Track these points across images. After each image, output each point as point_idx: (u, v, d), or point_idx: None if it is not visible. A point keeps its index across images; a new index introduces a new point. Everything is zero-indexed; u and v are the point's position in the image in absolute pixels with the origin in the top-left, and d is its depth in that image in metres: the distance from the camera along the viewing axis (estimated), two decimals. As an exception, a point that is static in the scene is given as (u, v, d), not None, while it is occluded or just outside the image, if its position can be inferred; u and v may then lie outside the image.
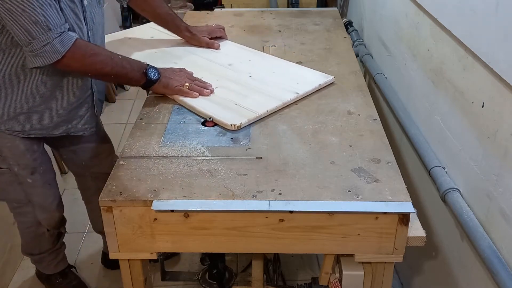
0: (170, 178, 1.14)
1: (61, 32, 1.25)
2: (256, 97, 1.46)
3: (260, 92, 1.49)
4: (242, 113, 1.37)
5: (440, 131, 1.48)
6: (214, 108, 1.40)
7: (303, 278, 1.94)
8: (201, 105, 1.41)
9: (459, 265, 1.40)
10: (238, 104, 1.42)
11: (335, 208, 1.06)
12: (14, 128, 1.44)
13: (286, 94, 1.48)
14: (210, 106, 1.41)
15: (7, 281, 1.98)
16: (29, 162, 1.51)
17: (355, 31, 2.38)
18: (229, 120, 1.33)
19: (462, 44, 1.31)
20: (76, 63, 1.31)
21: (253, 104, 1.42)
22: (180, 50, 1.78)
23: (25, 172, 1.52)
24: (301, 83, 1.54)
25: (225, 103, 1.43)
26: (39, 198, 1.59)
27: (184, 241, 1.13)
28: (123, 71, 1.38)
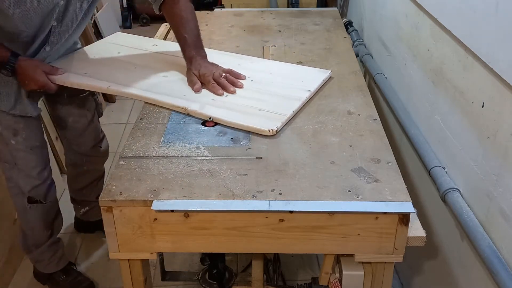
0: (170, 178, 1.14)
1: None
2: (274, 100, 1.43)
3: (275, 95, 1.46)
4: (270, 117, 1.34)
5: (440, 131, 1.48)
6: (238, 117, 1.34)
7: (303, 278, 1.94)
8: (224, 115, 1.35)
9: (459, 265, 1.40)
10: (261, 109, 1.38)
11: (335, 208, 1.06)
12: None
13: (300, 93, 1.47)
14: (233, 116, 1.35)
15: (7, 281, 1.98)
16: (10, 123, 1.58)
17: (355, 31, 2.38)
18: (264, 126, 1.29)
19: (462, 44, 1.31)
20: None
21: (276, 108, 1.38)
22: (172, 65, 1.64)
23: (8, 132, 1.59)
24: (305, 81, 1.54)
25: (246, 110, 1.38)
26: (21, 161, 1.65)
27: (184, 241, 1.13)
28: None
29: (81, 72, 1.56)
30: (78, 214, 2.18)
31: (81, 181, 2.03)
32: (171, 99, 1.43)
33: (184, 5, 1.55)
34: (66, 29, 1.53)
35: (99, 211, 1.11)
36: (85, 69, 1.59)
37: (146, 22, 4.89)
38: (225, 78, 1.49)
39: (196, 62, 1.51)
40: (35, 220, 1.77)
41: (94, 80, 1.53)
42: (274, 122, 1.32)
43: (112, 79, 1.53)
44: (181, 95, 1.45)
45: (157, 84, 1.52)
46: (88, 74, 1.56)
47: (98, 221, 2.03)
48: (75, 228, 2.24)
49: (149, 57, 1.70)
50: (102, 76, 1.54)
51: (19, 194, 1.72)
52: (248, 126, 1.31)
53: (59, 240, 1.90)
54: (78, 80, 1.53)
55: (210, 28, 2.07)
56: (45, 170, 1.73)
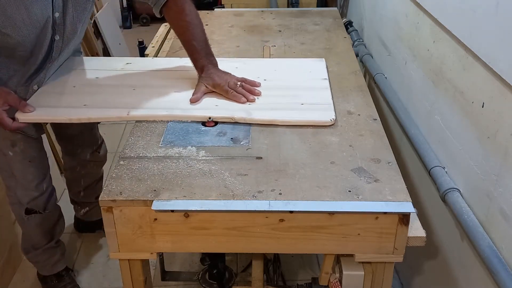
0: (170, 178, 1.14)
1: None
2: (306, 93, 1.47)
3: (301, 89, 1.50)
4: (318, 108, 1.40)
5: (440, 131, 1.48)
6: (292, 114, 1.36)
7: (303, 278, 1.94)
8: (277, 115, 1.35)
9: (459, 265, 1.40)
10: (303, 103, 1.41)
11: (335, 208, 1.06)
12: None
13: (321, 82, 1.54)
14: (285, 114, 1.36)
15: (7, 281, 1.98)
16: (7, 134, 1.53)
17: (355, 31, 2.38)
18: (322, 118, 1.35)
19: (462, 44, 1.31)
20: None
21: (315, 99, 1.44)
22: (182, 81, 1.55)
23: (5, 143, 1.55)
24: (313, 71, 1.61)
25: (290, 107, 1.40)
26: (19, 173, 1.62)
27: (184, 241, 1.13)
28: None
29: (79, 105, 1.40)
30: (78, 215, 2.17)
31: (79, 184, 2.02)
32: (210, 112, 1.37)
33: (189, 9, 1.47)
34: (68, 41, 1.48)
35: (99, 210, 1.10)
36: (80, 101, 1.42)
37: (146, 22, 4.90)
38: (241, 87, 1.45)
39: (208, 71, 1.46)
40: (33, 229, 1.75)
41: (107, 110, 1.39)
42: (327, 112, 1.37)
43: (122, 104, 1.40)
44: (213, 106, 1.41)
45: (179, 100, 1.43)
46: (88, 105, 1.40)
47: (98, 220, 2.03)
48: (75, 228, 2.23)
49: (139, 76, 1.58)
50: (108, 104, 1.42)
51: (17, 203, 1.69)
52: (308, 121, 1.34)
53: (59, 245, 1.87)
54: (86, 114, 1.37)
55: (210, 28, 2.07)
56: (43, 182, 1.68)
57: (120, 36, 3.88)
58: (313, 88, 1.51)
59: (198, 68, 1.48)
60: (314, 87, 1.52)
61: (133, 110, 1.38)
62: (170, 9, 1.48)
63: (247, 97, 1.42)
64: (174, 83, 1.52)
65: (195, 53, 1.48)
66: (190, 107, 1.40)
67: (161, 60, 1.76)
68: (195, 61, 1.49)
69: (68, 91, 1.48)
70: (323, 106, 1.41)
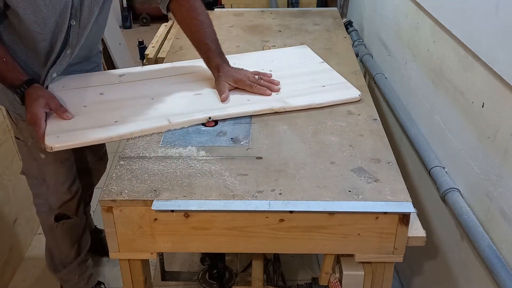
0: (170, 178, 1.14)
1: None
2: (319, 76, 1.55)
3: (311, 73, 1.58)
4: (340, 87, 1.50)
5: (440, 131, 1.48)
6: (318, 97, 1.44)
7: (303, 278, 1.94)
8: (308, 100, 1.42)
9: (459, 265, 1.40)
10: (324, 85, 1.50)
11: (335, 208, 1.06)
12: (14, 110, 1.48)
13: (323, 66, 1.65)
14: (314, 98, 1.43)
15: (7, 281, 1.98)
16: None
17: (355, 31, 2.38)
18: (350, 95, 1.45)
19: (462, 44, 1.31)
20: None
21: (331, 81, 1.53)
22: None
23: (38, 145, 1.48)
24: (307, 57, 1.71)
25: (314, 91, 1.47)
26: (51, 176, 1.58)
27: (184, 241, 1.13)
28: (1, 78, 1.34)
29: (110, 122, 1.31)
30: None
31: None
32: (246, 108, 1.38)
33: (201, 8, 1.47)
34: (84, 27, 1.41)
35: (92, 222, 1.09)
36: (108, 118, 1.33)
37: (146, 22, 4.90)
38: (260, 80, 1.47)
39: (224, 69, 1.46)
40: (62, 237, 1.71)
41: (145, 121, 1.32)
42: (350, 90, 1.48)
43: (157, 114, 1.35)
44: (246, 101, 1.42)
45: (208, 101, 1.42)
46: (120, 120, 1.32)
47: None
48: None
49: (146, 86, 1.52)
50: (140, 116, 1.35)
51: (47, 211, 1.66)
52: (340, 100, 1.43)
53: (88, 259, 1.82)
54: (127, 129, 1.29)
55: (210, 28, 2.07)
56: (74, 184, 1.66)
57: (120, 36, 3.88)
58: (319, 71, 1.59)
59: (213, 67, 1.48)
60: (320, 70, 1.60)
61: (172, 118, 1.33)
62: (181, 7, 1.47)
63: (271, 89, 1.45)
64: (188, 87, 1.50)
65: (209, 52, 1.47)
66: (227, 106, 1.40)
67: (152, 67, 1.70)
68: (208, 60, 1.48)
69: (83, 111, 1.36)
70: (342, 85, 1.51)
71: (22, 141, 1.56)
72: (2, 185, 1.98)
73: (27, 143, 1.54)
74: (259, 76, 1.48)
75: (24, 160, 1.62)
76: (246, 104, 1.41)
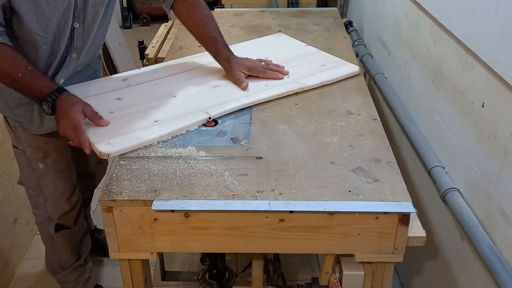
0: (170, 178, 1.14)
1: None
2: (315, 57, 1.69)
3: (303, 56, 1.71)
4: (338, 65, 1.64)
5: (440, 131, 1.48)
6: (326, 74, 1.56)
7: (303, 278, 1.94)
8: (319, 79, 1.53)
9: (459, 265, 1.40)
10: (324, 65, 1.64)
11: (335, 208, 1.06)
12: (15, 118, 1.44)
13: (309, 49, 1.77)
14: (323, 76, 1.55)
15: (7, 281, 1.98)
16: (40, 145, 1.47)
17: (355, 31, 2.38)
18: (349, 71, 1.59)
19: (462, 44, 1.31)
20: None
21: (327, 60, 1.67)
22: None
23: (37, 155, 1.48)
24: (289, 43, 1.84)
25: (315, 72, 1.59)
26: (49, 187, 1.56)
27: (184, 241, 1.13)
28: (23, 91, 1.31)
29: (151, 123, 1.31)
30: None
31: None
32: (269, 92, 1.46)
33: (203, 3, 1.51)
34: (89, 29, 1.38)
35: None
36: (147, 119, 1.33)
37: (146, 22, 4.90)
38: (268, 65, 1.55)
39: (235, 59, 1.52)
40: (62, 246, 1.69)
41: (185, 118, 1.33)
42: (348, 65, 1.63)
43: (192, 109, 1.37)
44: (264, 86, 1.50)
45: (231, 91, 1.46)
46: (160, 120, 1.32)
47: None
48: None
49: (159, 86, 1.52)
50: (177, 113, 1.36)
51: (46, 222, 1.64)
52: (345, 75, 1.57)
53: (87, 262, 1.81)
54: (171, 127, 1.29)
55: (210, 28, 2.07)
56: (74, 195, 1.62)
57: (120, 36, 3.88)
58: (310, 53, 1.73)
59: (223, 59, 1.51)
60: (311, 52, 1.74)
61: (209, 110, 1.36)
62: (184, 2, 1.49)
63: (282, 72, 1.54)
64: (202, 81, 1.53)
65: (217, 45, 1.51)
66: (250, 93, 1.46)
67: (151, 67, 1.68)
68: (217, 53, 1.52)
69: (112, 117, 1.33)
70: (338, 62, 1.66)
71: (20, 150, 1.53)
72: (2, 185, 1.98)
73: (26, 152, 1.51)
74: (266, 63, 1.55)
75: (22, 170, 1.60)
76: (266, 89, 1.48)
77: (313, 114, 1.40)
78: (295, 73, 1.57)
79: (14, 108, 1.43)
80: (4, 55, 1.26)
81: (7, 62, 1.26)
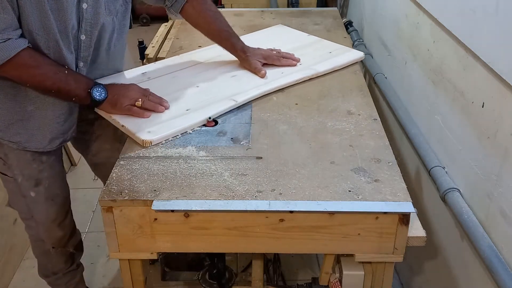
0: (170, 178, 1.14)
1: (6, 39, 1.17)
2: (319, 45, 1.80)
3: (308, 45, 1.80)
4: (342, 52, 1.74)
5: (440, 131, 1.48)
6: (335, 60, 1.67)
7: (303, 278, 1.94)
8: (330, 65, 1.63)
9: (459, 265, 1.40)
10: (331, 52, 1.74)
11: (335, 208, 1.06)
12: (9, 138, 1.37)
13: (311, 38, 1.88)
14: (333, 61, 1.66)
15: (7, 281, 1.98)
16: (33, 173, 1.42)
17: (355, 31, 2.38)
18: (354, 57, 1.70)
19: (462, 44, 1.31)
20: (14, 72, 1.23)
21: (331, 48, 1.78)
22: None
23: (29, 183, 1.43)
24: (292, 33, 1.93)
25: (327, 56, 1.70)
26: (40, 215, 1.50)
27: (184, 241, 1.13)
28: (66, 88, 1.28)
29: (183, 112, 1.37)
30: None
31: None
32: (286, 79, 1.55)
33: (209, 1, 1.56)
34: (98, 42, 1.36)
35: None
36: (180, 108, 1.38)
37: (146, 22, 4.90)
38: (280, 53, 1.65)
39: (249, 49, 1.59)
40: (56, 259, 1.66)
41: (214, 105, 1.39)
42: (352, 52, 1.74)
43: (221, 96, 1.44)
44: (280, 74, 1.58)
45: (251, 78, 1.55)
46: (192, 108, 1.38)
47: None
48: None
49: (177, 78, 1.57)
50: (206, 100, 1.42)
51: (40, 241, 1.60)
52: (352, 60, 1.69)
53: (79, 266, 1.79)
54: (205, 114, 1.35)
55: (210, 28, 2.06)
56: (66, 219, 1.57)
57: (120, 36, 3.87)
58: (314, 42, 1.83)
59: (239, 50, 1.59)
60: (315, 41, 1.84)
61: (235, 98, 1.43)
62: (193, 2, 1.53)
63: (294, 59, 1.64)
64: (218, 72, 1.59)
65: (231, 38, 1.58)
66: (269, 80, 1.54)
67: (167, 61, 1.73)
68: (232, 45, 1.59)
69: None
70: (343, 49, 1.77)
71: (10, 177, 1.44)
72: (2, 185, 1.98)
73: (17, 180, 1.44)
74: (277, 51, 1.64)
75: (11, 195, 1.51)
76: (283, 76, 1.56)
77: (313, 114, 1.40)
78: (305, 60, 1.66)
79: (6, 128, 1.35)
80: (39, 62, 1.24)
81: (48, 62, 1.26)
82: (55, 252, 1.64)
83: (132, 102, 1.33)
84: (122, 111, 1.34)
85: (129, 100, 1.33)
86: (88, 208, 2.37)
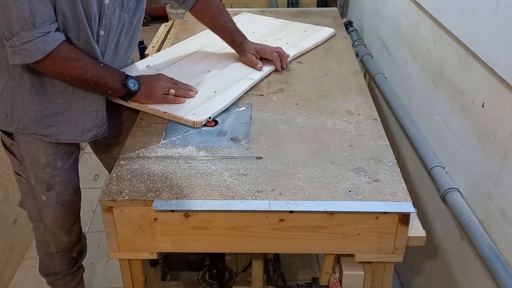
0: (170, 178, 1.14)
1: (46, 32, 1.17)
2: (293, 27, 1.97)
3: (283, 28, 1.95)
4: (316, 30, 1.93)
5: (440, 131, 1.48)
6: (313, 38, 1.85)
7: (303, 278, 1.94)
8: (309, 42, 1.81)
9: (459, 265, 1.40)
10: (306, 31, 1.91)
11: (335, 208, 1.06)
12: (41, 132, 1.36)
13: (278, 21, 2.02)
14: (311, 39, 1.84)
15: (7, 281, 1.98)
16: (46, 177, 1.42)
17: (355, 31, 2.38)
18: (329, 32, 1.91)
19: (462, 44, 1.31)
20: (55, 66, 1.24)
21: (305, 27, 1.96)
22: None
23: (41, 187, 1.43)
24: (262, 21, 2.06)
25: (304, 35, 1.88)
26: (49, 219, 1.50)
27: (184, 241, 1.13)
28: (103, 80, 1.30)
29: (211, 93, 1.45)
30: None
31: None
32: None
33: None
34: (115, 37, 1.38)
35: None
36: (208, 90, 1.47)
37: (146, 22, 4.90)
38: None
39: (248, 43, 1.65)
40: (59, 261, 1.67)
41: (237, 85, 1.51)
42: (325, 29, 1.94)
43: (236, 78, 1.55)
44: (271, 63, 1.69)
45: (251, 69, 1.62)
46: (218, 90, 1.47)
47: None
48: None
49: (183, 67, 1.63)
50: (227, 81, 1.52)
51: (46, 242, 1.61)
52: (327, 36, 1.88)
53: (80, 268, 1.78)
54: (235, 93, 1.46)
55: (210, 28, 2.07)
56: (74, 226, 1.57)
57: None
58: (285, 24, 2.00)
59: (237, 46, 1.66)
60: (285, 24, 2.01)
61: (251, 75, 1.56)
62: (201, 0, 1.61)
63: (285, 52, 1.70)
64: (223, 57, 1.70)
65: (232, 33, 1.65)
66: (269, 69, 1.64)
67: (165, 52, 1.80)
68: (233, 41, 1.66)
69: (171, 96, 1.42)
70: (315, 28, 1.96)
71: (24, 178, 1.46)
72: (2, 185, 1.98)
73: (30, 182, 1.45)
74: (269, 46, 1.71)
75: (23, 196, 1.54)
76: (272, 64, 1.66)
77: (313, 114, 1.40)
78: (288, 41, 1.81)
79: (37, 123, 1.35)
80: (78, 55, 1.26)
81: (86, 55, 1.28)
82: (58, 255, 1.64)
83: (166, 91, 1.38)
84: (157, 100, 1.38)
85: (162, 89, 1.38)
86: (88, 208, 2.37)
